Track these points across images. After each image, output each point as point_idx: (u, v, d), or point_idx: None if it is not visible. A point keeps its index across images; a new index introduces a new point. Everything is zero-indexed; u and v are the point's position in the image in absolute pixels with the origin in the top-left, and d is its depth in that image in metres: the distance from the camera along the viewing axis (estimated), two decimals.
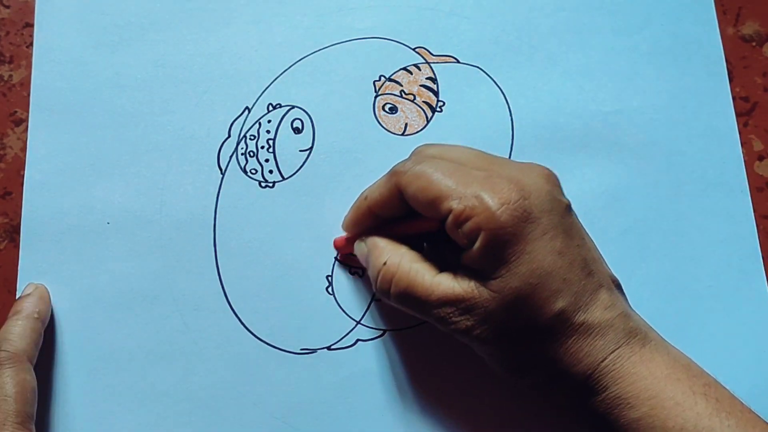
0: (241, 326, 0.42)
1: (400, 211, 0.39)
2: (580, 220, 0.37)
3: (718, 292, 0.43)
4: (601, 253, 0.38)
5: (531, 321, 0.34)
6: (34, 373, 0.38)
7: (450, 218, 0.35)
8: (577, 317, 0.34)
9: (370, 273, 0.39)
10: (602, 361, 0.34)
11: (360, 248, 0.40)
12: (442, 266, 0.37)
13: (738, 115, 0.46)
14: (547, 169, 0.37)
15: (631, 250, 0.43)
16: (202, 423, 0.41)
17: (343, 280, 0.43)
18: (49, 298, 0.42)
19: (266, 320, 0.42)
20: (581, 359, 0.34)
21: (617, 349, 0.34)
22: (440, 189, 0.35)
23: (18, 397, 0.36)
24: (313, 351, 0.42)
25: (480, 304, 0.35)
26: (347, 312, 0.43)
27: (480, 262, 0.35)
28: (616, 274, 0.37)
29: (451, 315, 0.35)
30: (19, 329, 0.39)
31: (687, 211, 0.44)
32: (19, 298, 0.41)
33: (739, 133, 0.46)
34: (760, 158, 0.46)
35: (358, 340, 0.42)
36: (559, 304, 0.34)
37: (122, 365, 0.42)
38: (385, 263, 0.38)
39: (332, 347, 0.42)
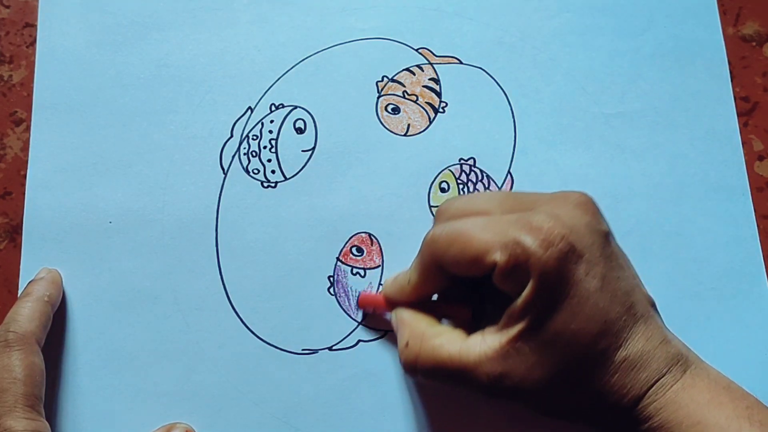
0: (243, 326, 0.42)
1: (443, 285, 0.38)
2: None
3: (719, 294, 0.43)
4: None
5: (572, 366, 0.33)
6: (42, 356, 0.38)
7: (496, 272, 0.34)
8: (618, 354, 0.33)
9: (399, 349, 0.38)
10: (645, 394, 0.33)
11: (393, 320, 0.40)
12: (479, 324, 0.36)
13: (738, 115, 0.46)
14: (584, 195, 0.36)
15: (633, 251, 0.43)
16: (204, 422, 0.41)
17: (344, 280, 0.43)
18: (61, 283, 0.42)
19: (268, 320, 0.42)
20: (624, 395, 0.33)
21: (660, 378, 0.33)
22: (479, 246, 0.34)
23: (27, 380, 0.36)
24: (315, 351, 0.42)
25: (518, 360, 0.33)
26: (349, 312, 0.43)
27: (526, 310, 0.33)
28: None
29: (488, 380, 0.34)
30: (28, 311, 0.39)
31: (689, 213, 0.44)
32: (31, 281, 0.41)
33: (739, 133, 0.46)
34: (760, 158, 0.46)
35: (359, 340, 0.42)
36: (601, 345, 0.33)
37: (124, 365, 0.41)
38: (407, 345, 0.37)
39: (334, 348, 0.42)
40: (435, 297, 0.40)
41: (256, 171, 0.44)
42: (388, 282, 0.41)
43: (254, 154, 0.44)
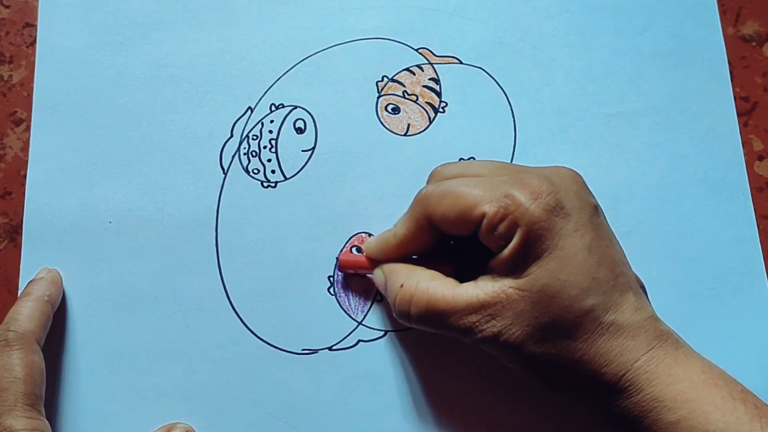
0: (243, 326, 0.42)
1: (428, 244, 0.39)
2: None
3: (720, 294, 0.43)
4: None
5: (559, 318, 0.34)
6: (42, 355, 0.38)
7: (485, 222, 0.35)
8: (606, 317, 0.34)
9: (389, 298, 0.39)
10: (635, 362, 0.33)
11: (378, 276, 0.40)
12: (462, 281, 0.37)
13: (738, 115, 0.46)
14: (573, 170, 0.37)
15: (633, 251, 0.43)
16: (204, 423, 0.41)
17: (345, 280, 0.43)
18: (61, 283, 0.42)
19: (268, 320, 0.42)
20: (612, 359, 0.34)
21: (651, 350, 0.34)
22: (469, 199, 0.35)
23: (27, 379, 0.36)
24: (315, 351, 0.42)
25: (508, 306, 0.34)
26: (349, 312, 0.43)
27: (513, 262, 0.34)
28: None
29: (477, 324, 0.35)
30: (28, 310, 0.39)
31: (689, 213, 0.44)
32: (31, 281, 0.41)
33: (739, 133, 0.46)
34: (760, 158, 0.46)
35: (359, 340, 0.42)
36: (589, 301, 0.34)
37: (124, 365, 0.41)
38: (402, 285, 0.38)
39: (334, 348, 0.42)
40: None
41: (256, 171, 0.44)
42: (371, 241, 0.41)
43: (254, 154, 0.44)
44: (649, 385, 0.33)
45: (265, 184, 0.44)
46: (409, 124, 0.45)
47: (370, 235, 0.44)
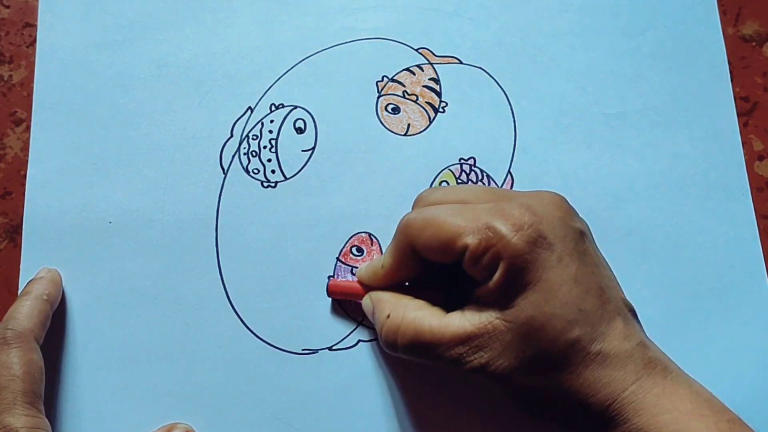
0: (243, 326, 0.42)
1: (416, 271, 0.38)
2: (583, 221, 0.37)
3: (720, 294, 0.43)
4: (603, 254, 0.37)
5: (545, 351, 0.33)
6: (41, 353, 0.38)
7: (467, 255, 0.34)
8: (593, 347, 0.33)
9: (376, 328, 0.39)
10: (622, 392, 0.33)
11: (366, 304, 0.40)
12: (449, 309, 0.37)
13: (738, 115, 0.46)
14: (557, 195, 0.37)
15: (633, 251, 0.43)
16: (204, 423, 0.41)
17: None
18: (61, 282, 0.42)
19: (268, 320, 0.42)
20: (599, 389, 0.33)
21: (638, 380, 0.33)
22: (451, 229, 0.35)
23: (26, 377, 0.36)
24: (315, 351, 0.42)
25: (494, 337, 0.34)
26: (349, 312, 0.43)
27: (497, 293, 0.34)
28: (617, 276, 0.37)
29: (464, 355, 0.34)
30: (27, 309, 0.39)
31: (689, 212, 0.44)
32: (31, 280, 0.41)
33: (739, 133, 0.46)
34: (760, 158, 0.46)
35: (359, 340, 0.42)
36: (575, 333, 0.33)
37: (124, 365, 0.41)
38: (388, 316, 0.37)
39: (334, 348, 0.42)
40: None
41: (256, 171, 0.44)
42: (362, 267, 0.41)
43: (254, 154, 0.44)
44: (636, 416, 0.33)
45: (265, 184, 0.44)
46: (409, 124, 0.45)
47: (370, 235, 0.44)
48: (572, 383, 0.34)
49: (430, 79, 0.46)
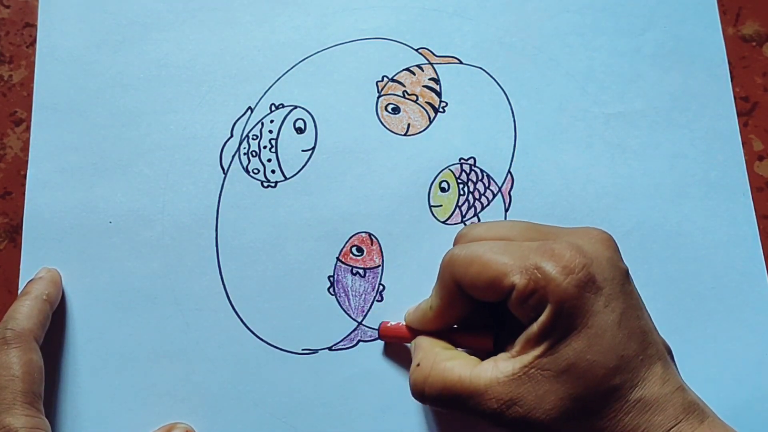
0: (243, 326, 0.42)
1: (464, 310, 0.37)
2: (583, 222, 0.37)
3: (720, 294, 0.43)
4: None
5: (584, 399, 0.33)
6: (40, 353, 0.38)
7: (514, 295, 0.33)
8: (633, 394, 0.33)
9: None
10: None
11: (411, 348, 0.39)
12: (498, 353, 0.35)
13: (738, 115, 0.46)
14: (605, 232, 0.36)
15: (633, 251, 0.43)
16: (204, 423, 0.41)
17: (344, 280, 0.43)
18: (61, 282, 0.42)
19: (268, 320, 0.42)
20: None
21: (677, 424, 0.33)
22: (498, 267, 0.34)
23: (25, 377, 0.36)
24: (315, 351, 0.42)
25: (530, 388, 0.33)
26: (349, 312, 0.43)
27: (540, 337, 0.33)
28: None
29: (498, 410, 0.33)
30: (27, 309, 0.39)
31: (689, 212, 0.44)
32: (30, 280, 0.41)
33: (739, 133, 0.46)
34: (760, 158, 0.46)
35: (359, 340, 0.42)
36: (616, 380, 0.32)
37: (124, 365, 0.41)
38: (418, 365, 0.36)
39: (334, 348, 0.42)
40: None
41: (256, 171, 0.44)
42: (410, 310, 0.40)
43: (254, 153, 0.44)
44: None
45: (265, 184, 0.44)
46: (409, 124, 0.45)
47: (370, 234, 0.44)
48: (611, 430, 0.33)
49: (430, 79, 0.46)
